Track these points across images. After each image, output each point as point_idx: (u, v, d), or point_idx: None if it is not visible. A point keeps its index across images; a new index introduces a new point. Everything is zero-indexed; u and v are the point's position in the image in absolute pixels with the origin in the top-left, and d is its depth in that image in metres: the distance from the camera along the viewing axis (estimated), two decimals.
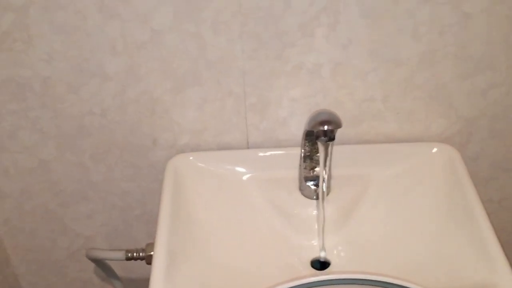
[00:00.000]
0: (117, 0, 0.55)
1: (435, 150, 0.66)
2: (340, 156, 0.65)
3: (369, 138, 0.68)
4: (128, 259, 0.65)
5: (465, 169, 0.63)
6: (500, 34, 0.59)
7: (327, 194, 0.64)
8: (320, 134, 0.54)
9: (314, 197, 0.64)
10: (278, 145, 0.68)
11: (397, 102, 0.65)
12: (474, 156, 0.70)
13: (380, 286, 0.50)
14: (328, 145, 0.55)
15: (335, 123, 0.54)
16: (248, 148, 0.68)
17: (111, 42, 0.58)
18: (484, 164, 0.71)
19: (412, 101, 0.64)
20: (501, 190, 0.74)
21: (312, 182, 0.64)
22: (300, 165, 0.63)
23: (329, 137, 0.54)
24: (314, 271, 0.60)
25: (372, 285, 0.50)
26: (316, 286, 0.51)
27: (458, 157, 0.65)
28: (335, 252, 0.62)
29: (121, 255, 0.65)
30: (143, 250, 0.65)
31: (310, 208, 0.64)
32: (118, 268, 0.79)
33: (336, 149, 0.65)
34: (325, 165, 0.57)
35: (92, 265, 0.78)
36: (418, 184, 0.65)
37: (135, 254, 0.65)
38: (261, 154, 0.67)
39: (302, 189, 0.65)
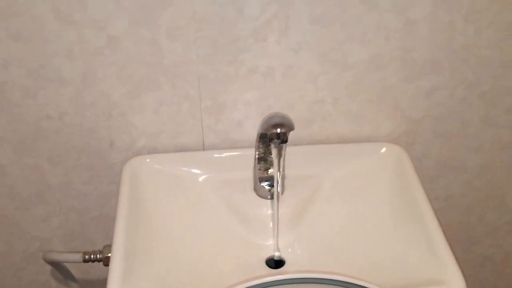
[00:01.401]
0: (74, 7, 0.56)
1: (384, 150, 0.69)
2: (293, 157, 0.67)
3: (321, 138, 0.70)
4: (85, 261, 0.65)
5: (412, 168, 0.67)
6: (443, 39, 0.63)
7: (281, 194, 0.66)
8: (273, 137, 0.56)
9: (269, 197, 0.66)
10: (233, 146, 0.70)
11: (346, 104, 0.67)
12: (420, 155, 0.74)
13: (331, 284, 0.51)
14: (282, 147, 0.57)
15: (288, 126, 0.56)
16: (204, 149, 0.70)
17: (68, 48, 0.59)
18: (430, 163, 0.75)
19: (360, 103, 0.67)
20: (447, 188, 0.78)
21: (266, 183, 0.66)
22: (254, 166, 0.65)
23: (282, 139, 0.56)
24: (269, 269, 0.62)
25: (324, 283, 0.52)
26: (270, 286, 0.52)
27: (406, 156, 0.68)
28: (289, 250, 0.64)
29: (78, 257, 0.65)
30: (100, 252, 0.65)
31: (265, 208, 0.66)
32: (76, 270, 0.79)
33: (289, 150, 0.67)
34: (279, 167, 0.59)
35: (49, 267, 0.78)
36: (369, 183, 0.67)
37: (92, 256, 0.65)
38: (216, 155, 0.69)
39: (257, 190, 0.66)
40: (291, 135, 0.68)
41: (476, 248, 0.85)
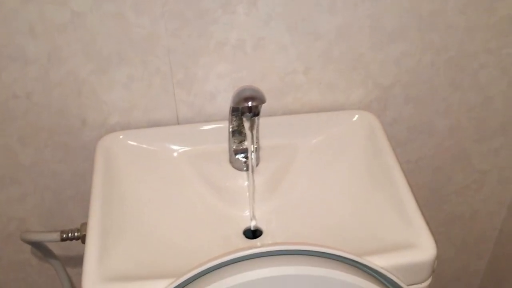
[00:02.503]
0: None
1: (356, 117, 0.70)
2: (268, 128, 0.68)
3: (294, 108, 0.71)
4: (63, 240, 0.66)
5: (384, 134, 0.68)
6: (411, 6, 0.63)
7: (257, 165, 0.67)
8: (245, 110, 0.56)
9: (245, 169, 0.67)
10: (208, 120, 0.70)
11: (318, 74, 0.68)
12: (391, 121, 0.75)
13: (309, 255, 0.52)
14: (254, 120, 0.58)
15: (259, 99, 0.56)
16: (178, 124, 0.70)
17: (30, 25, 0.57)
18: (401, 128, 0.76)
19: (332, 72, 0.68)
20: (418, 151, 0.80)
21: (242, 155, 0.66)
22: (229, 140, 0.66)
23: (254, 112, 0.56)
24: (246, 240, 0.63)
25: (300, 254, 0.53)
26: (249, 259, 0.52)
27: (377, 123, 0.69)
28: (267, 220, 0.65)
29: (55, 236, 0.66)
30: (78, 230, 0.66)
31: (241, 180, 0.67)
32: (56, 248, 0.79)
33: (264, 121, 0.67)
34: (252, 139, 0.59)
35: (28, 247, 0.78)
36: (342, 150, 0.68)
37: (70, 234, 0.65)
38: (191, 129, 0.68)
39: (233, 162, 0.67)
40: (264, 106, 0.68)
41: (446, 206, 0.88)
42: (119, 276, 0.52)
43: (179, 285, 0.48)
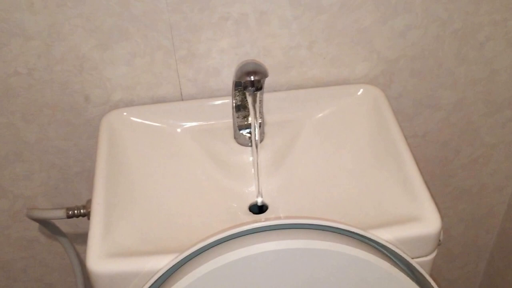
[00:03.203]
0: None
1: (361, 91, 0.69)
2: (272, 103, 0.67)
3: (299, 83, 0.70)
4: (69, 217, 0.66)
5: (389, 108, 0.67)
6: None
7: (261, 141, 0.67)
8: (247, 85, 0.56)
9: (249, 144, 0.66)
10: (211, 95, 0.70)
11: (322, 48, 0.67)
12: (397, 95, 0.74)
13: (315, 229, 0.52)
14: (256, 94, 0.57)
15: (261, 73, 0.55)
16: (182, 100, 0.69)
17: (29, 0, 0.56)
18: (408, 102, 0.76)
19: (336, 46, 0.67)
20: (424, 125, 0.79)
21: (246, 130, 0.66)
22: (233, 115, 0.65)
23: (256, 87, 0.56)
24: (252, 215, 0.63)
25: (306, 228, 0.53)
26: (255, 232, 0.52)
27: (383, 97, 0.69)
28: (272, 195, 0.65)
29: (61, 213, 0.66)
30: (83, 207, 0.66)
31: (246, 155, 0.67)
32: (63, 225, 0.79)
33: (268, 96, 0.67)
34: (255, 114, 0.59)
35: (36, 224, 0.79)
36: (347, 124, 0.68)
37: (75, 211, 0.66)
38: (195, 105, 0.68)
39: (237, 138, 0.67)
40: (269, 82, 0.68)
41: (453, 181, 0.88)
42: (123, 252, 0.53)
43: (183, 259, 0.48)
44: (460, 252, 0.99)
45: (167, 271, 0.48)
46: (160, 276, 0.48)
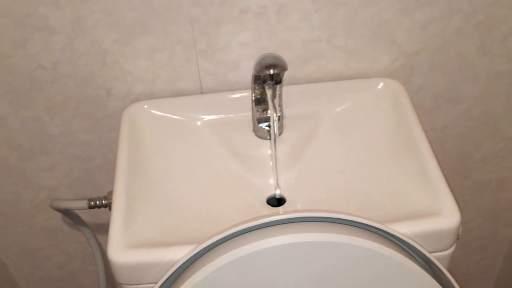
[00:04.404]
0: None
1: (381, 85, 0.69)
2: (291, 96, 0.67)
3: (318, 77, 0.70)
4: (91, 207, 0.67)
5: (409, 101, 0.67)
6: None
7: (280, 134, 0.67)
8: (266, 78, 0.56)
9: (268, 137, 0.67)
10: (231, 89, 0.70)
11: (342, 41, 0.67)
12: (417, 88, 0.74)
13: (332, 222, 0.53)
14: (276, 88, 0.57)
15: (281, 67, 0.56)
16: (202, 93, 0.70)
17: None
18: (427, 96, 0.75)
19: (356, 39, 0.67)
20: (444, 119, 0.78)
21: (265, 123, 0.66)
22: (252, 108, 0.66)
23: (276, 80, 0.56)
24: (270, 208, 0.64)
25: (324, 221, 0.53)
26: (273, 225, 0.53)
27: (403, 90, 0.68)
28: (290, 188, 0.65)
29: (83, 204, 0.67)
30: (105, 198, 0.67)
31: (264, 149, 0.67)
32: (86, 215, 0.81)
33: (287, 89, 0.67)
34: (274, 107, 0.59)
35: (59, 214, 0.81)
36: (367, 118, 0.68)
37: (97, 202, 0.67)
38: (214, 98, 0.69)
39: (256, 131, 0.67)
40: (288, 75, 0.68)
41: (473, 174, 0.87)
42: (143, 242, 0.54)
43: (201, 251, 0.49)
44: (477, 246, 0.99)
45: (185, 262, 0.49)
46: (179, 267, 0.49)
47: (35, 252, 0.88)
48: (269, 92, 0.58)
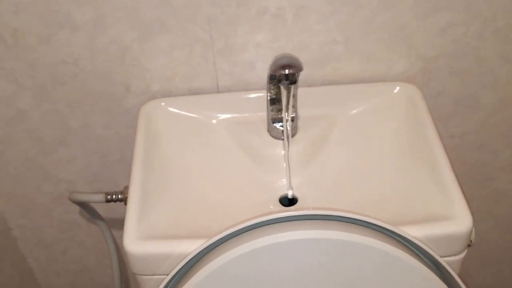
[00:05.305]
0: None
1: (397, 89, 0.69)
2: (307, 98, 0.68)
3: (334, 79, 0.70)
4: (107, 201, 0.69)
5: (425, 107, 0.67)
6: None
7: (294, 135, 0.68)
8: (282, 78, 0.56)
9: (282, 137, 0.67)
10: (247, 89, 0.71)
11: (359, 44, 0.67)
12: (435, 94, 0.73)
13: (344, 221, 0.53)
14: (290, 88, 0.58)
15: (296, 67, 0.56)
16: (218, 92, 0.71)
17: None
18: (446, 101, 0.74)
19: (373, 43, 0.67)
20: (462, 125, 0.78)
21: (279, 124, 0.67)
22: (267, 108, 0.66)
23: (291, 80, 0.56)
24: (282, 207, 0.64)
25: (336, 220, 0.53)
26: (287, 221, 0.54)
27: (419, 95, 0.68)
28: (303, 188, 0.66)
29: (100, 197, 0.69)
30: (121, 193, 0.68)
31: (278, 149, 0.68)
32: (102, 210, 0.83)
33: (302, 91, 0.67)
34: (287, 107, 0.60)
35: (77, 207, 0.82)
36: (381, 122, 0.68)
37: (114, 196, 0.68)
38: (230, 97, 0.70)
39: (270, 131, 0.68)
40: (304, 77, 0.69)
41: (491, 183, 0.86)
42: (157, 235, 0.55)
43: (212, 244, 0.50)
44: (494, 257, 0.97)
45: (196, 254, 0.50)
46: (190, 260, 0.50)
47: (53, 245, 0.89)
48: (284, 92, 0.58)
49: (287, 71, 0.56)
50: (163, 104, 0.69)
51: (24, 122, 0.72)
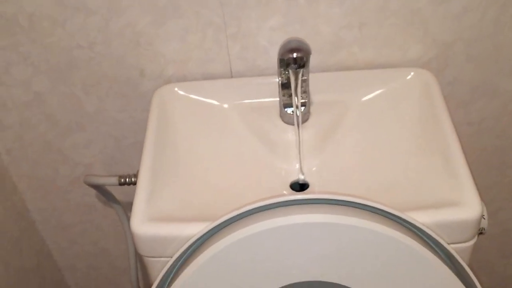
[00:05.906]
0: None
1: (411, 75, 0.68)
2: (320, 83, 0.67)
3: (348, 64, 0.70)
4: (121, 184, 0.70)
5: (439, 92, 0.65)
6: None
7: (306, 120, 0.67)
8: (290, 62, 0.56)
9: (294, 123, 0.67)
10: (260, 74, 0.71)
11: (374, 29, 0.66)
12: (452, 80, 0.72)
13: (353, 207, 0.53)
14: (299, 72, 0.58)
15: (304, 50, 0.56)
16: (231, 77, 0.71)
17: None
18: (463, 88, 0.73)
19: (388, 28, 0.66)
20: (480, 112, 0.76)
21: (291, 109, 0.66)
22: (279, 93, 0.66)
23: (299, 64, 0.56)
24: (293, 192, 0.64)
25: (345, 205, 0.53)
26: (294, 205, 0.54)
27: (434, 81, 0.67)
28: (314, 174, 0.66)
29: (114, 180, 0.70)
30: (134, 176, 0.69)
31: (290, 134, 0.67)
32: (118, 193, 0.84)
33: (316, 76, 0.67)
34: (296, 91, 0.59)
35: (93, 190, 0.84)
36: (394, 108, 0.67)
37: (127, 179, 0.69)
38: (243, 82, 0.70)
39: (282, 116, 0.68)
40: (317, 62, 0.68)
41: (510, 172, 0.84)
42: (165, 217, 0.55)
43: (217, 226, 0.50)
44: None
45: (201, 236, 0.50)
46: (195, 241, 0.51)
47: (71, 227, 0.91)
48: (292, 76, 0.58)
49: (295, 55, 0.56)
50: (176, 88, 0.69)
51: (41, 106, 0.74)
